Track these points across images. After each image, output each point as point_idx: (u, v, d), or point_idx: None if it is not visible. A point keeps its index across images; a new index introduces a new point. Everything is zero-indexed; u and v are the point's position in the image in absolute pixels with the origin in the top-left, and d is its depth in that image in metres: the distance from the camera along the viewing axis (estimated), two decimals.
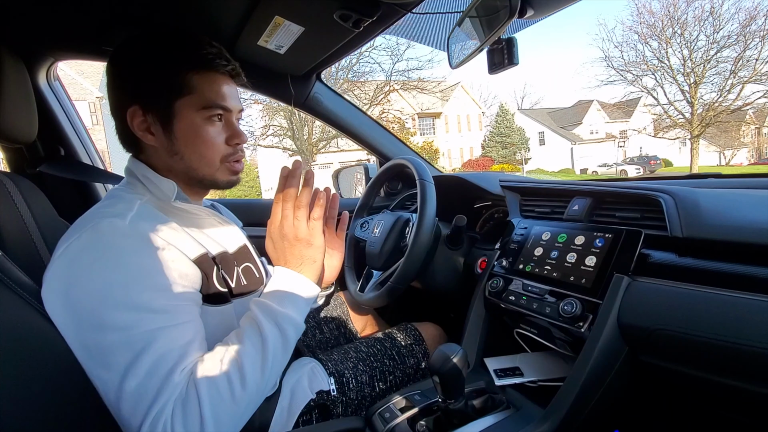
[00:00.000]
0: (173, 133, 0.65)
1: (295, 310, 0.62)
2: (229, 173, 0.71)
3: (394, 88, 17.89)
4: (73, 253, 0.55)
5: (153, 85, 0.65)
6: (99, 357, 0.52)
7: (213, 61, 0.67)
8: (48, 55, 1.10)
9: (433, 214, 0.92)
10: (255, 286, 0.75)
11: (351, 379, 0.81)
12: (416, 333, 0.96)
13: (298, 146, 17.43)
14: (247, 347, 0.57)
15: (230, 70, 0.69)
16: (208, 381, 0.53)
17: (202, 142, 0.67)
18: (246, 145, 0.75)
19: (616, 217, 0.78)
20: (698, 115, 16.17)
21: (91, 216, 0.60)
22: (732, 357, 0.51)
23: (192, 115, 0.65)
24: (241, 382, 0.54)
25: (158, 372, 0.52)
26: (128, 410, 0.51)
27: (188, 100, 0.65)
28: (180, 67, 0.65)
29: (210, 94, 0.66)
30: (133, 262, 0.55)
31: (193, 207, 0.69)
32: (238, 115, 0.72)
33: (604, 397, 0.63)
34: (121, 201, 0.63)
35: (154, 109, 0.65)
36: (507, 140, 26.07)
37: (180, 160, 0.67)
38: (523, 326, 0.81)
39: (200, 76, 0.66)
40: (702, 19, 15.90)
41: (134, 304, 0.53)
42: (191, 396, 0.52)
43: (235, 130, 0.70)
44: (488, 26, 0.77)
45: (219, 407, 0.52)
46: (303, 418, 0.72)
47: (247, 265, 0.75)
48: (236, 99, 0.71)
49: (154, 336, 0.53)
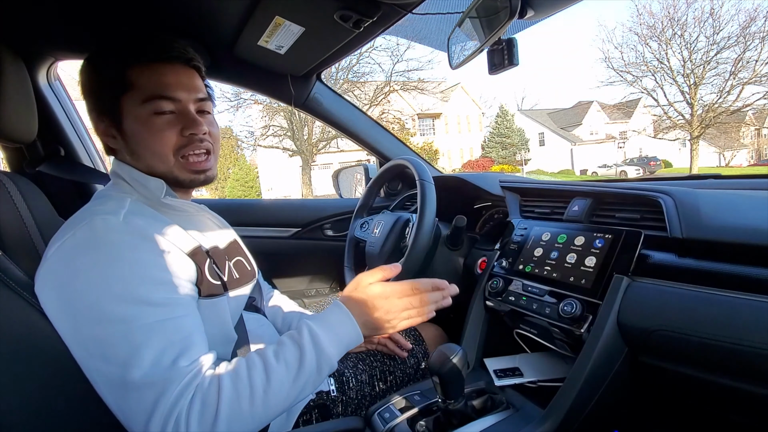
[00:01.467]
0: (125, 132, 0.65)
1: (338, 355, 0.59)
2: (189, 171, 0.67)
3: (394, 88, 17.88)
4: (68, 249, 0.55)
5: (99, 88, 0.66)
6: (98, 350, 0.52)
7: (153, 51, 0.65)
8: (48, 55, 1.10)
9: (433, 215, 0.92)
10: (247, 278, 0.75)
11: (351, 378, 0.81)
12: (416, 333, 0.96)
13: (298, 146, 17.43)
14: (281, 365, 0.55)
15: (176, 57, 0.66)
16: (232, 384, 0.52)
17: (150, 135, 0.64)
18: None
19: (616, 218, 0.78)
20: (698, 117, 16.18)
21: (82, 214, 0.60)
22: (731, 357, 0.51)
23: (136, 110, 0.64)
24: (264, 396, 0.52)
25: (163, 362, 0.51)
26: (135, 401, 0.50)
27: (130, 96, 0.64)
28: (119, 65, 0.64)
29: (149, 86, 0.64)
30: (130, 256, 0.56)
31: (182, 203, 0.69)
32: (199, 105, 0.68)
33: (603, 397, 0.63)
34: (111, 199, 0.63)
35: (105, 112, 0.66)
36: (507, 141, 26.07)
37: (138, 160, 0.66)
38: (522, 327, 0.81)
39: (140, 70, 0.64)
40: (702, 20, 15.93)
41: (133, 297, 0.53)
42: (212, 392, 0.51)
43: (188, 119, 0.66)
44: (488, 27, 0.77)
45: (235, 414, 0.51)
46: (303, 418, 0.72)
47: (239, 258, 0.76)
48: (188, 88, 0.66)
49: (153, 328, 0.53)
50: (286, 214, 1.51)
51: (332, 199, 1.65)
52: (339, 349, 0.58)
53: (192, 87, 0.67)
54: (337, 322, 0.60)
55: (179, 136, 0.65)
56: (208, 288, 0.64)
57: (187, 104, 0.66)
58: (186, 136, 0.66)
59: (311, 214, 1.50)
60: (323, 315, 0.61)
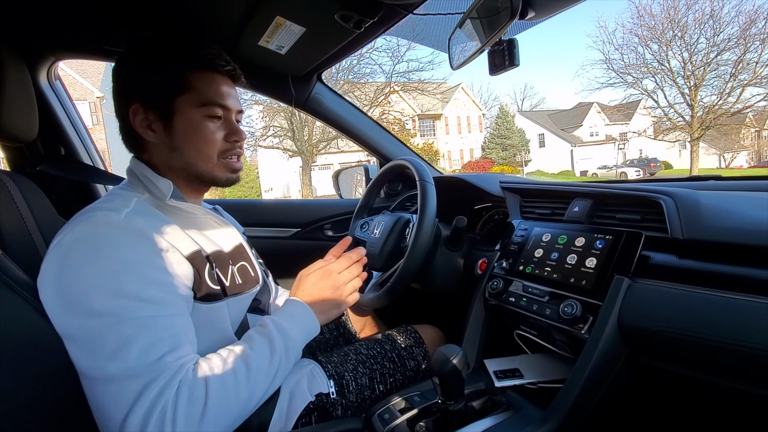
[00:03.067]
0: (173, 129, 0.68)
1: (302, 340, 0.68)
2: (228, 171, 0.73)
3: (394, 89, 17.90)
4: (68, 243, 0.56)
5: (155, 82, 0.68)
6: (86, 344, 0.52)
7: (212, 60, 0.70)
8: (49, 54, 1.10)
9: (433, 215, 0.92)
10: (251, 284, 0.75)
11: (351, 381, 0.81)
12: (416, 335, 0.96)
13: (298, 147, 17.42)
14: (255, 352, 0.60)
15: (229, 71, 0.73)
16: (216, 376, 0.55)
17: (200, 137, 0.69)
18: (246, 145, 0.78)
19: (617, 219, 0.78)
20: (698, 118, 16.17)
21: (87, 210, 0.61)
22: (732, 359, 0.51)
23: (191, 111, 0.68)
24: (247, 382, 0.57)
25: (149, 356, 0.52)
26: (114, 394, 0.50)
27: (188, 97, 0.68)
28: (181, 66, 0.68)
29: (208, 92, 0.69)
30: (126, 253, 0.56)
31: (189, 206, 0.70)
32: (238, 116, 0.75)
33: (604, 399, 0.63)
34: (118, 197, 0.65)
35: (154, 106, 0.68)
36: (507, 142, 26.08)
37: (179, 156, 0.69)
38: (523, 328, 0.81)
39: (200, 75, 0.69)
40: (702, 22, 15.94)
41: (124, 292, 0.54)
42: (198, 385, 0.53)
43: (233, 127, 0.73)
44: (489, 27, 0.77)
45: (223, 403, 0.53)
46: (302, 420, 0.72)
47: (243, 264, 0.76)
48: (235, 99, 0.73)
49: (143, 323, 0.53)
50: (287, 214, 1.51)
51: (332, 200, 1.65)
52: (301, 335, 0.67)
53: (237, 98, 0.75)
54: (294, 313, 0.70)
55: (223, 141, 0.72)
56: (206, 292, 0.65)
57: (232, 113, 0.73)
58: (230, 142, 0.72)
59: (311, 214, 1.50)
60: (282, 310, 0.70)
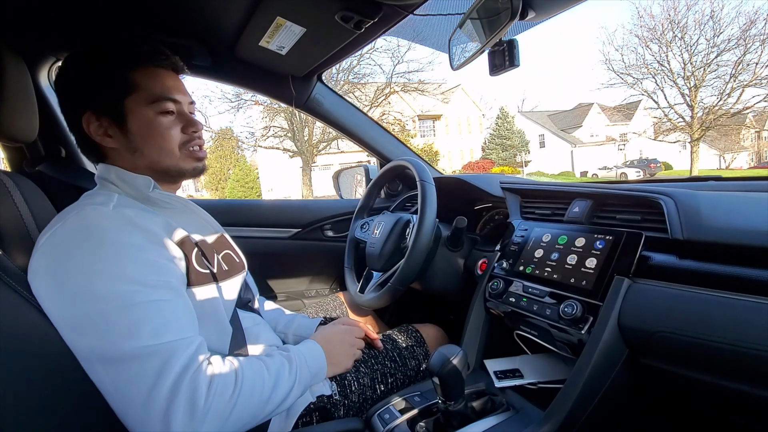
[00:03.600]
0: (129, 131, 0.68)
1: (310, 380, 0.71)
2: (193, 160, 0.74)
3: (394, 89, 17.90)
4: (60, 236, 0.56)
5: (100, 88, 0.68)
6: (92, 327, 0.52)
7: (152, 56, 0.70)
8: (49, 55, 1.10)
9: (433, 216, 0.92)
10: (237, 270, 0.77)
11: (353, 381, 0.81)
12: (417, 334, 0.96)
13: (298, 147, 17.43)
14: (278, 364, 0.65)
15: (170, 64, 0.72)
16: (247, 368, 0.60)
17: (158, 134, 0.69)
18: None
19: (617, 219, 0.78)
20: (698, 119, 16.16)
21: (72, 207, 0.62)
22: (733, 360, 0.51)
23: (143, 110, 0.68)
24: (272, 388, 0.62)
25: (161, 337, 0.52)
26: (135, 373, 0.51)
27: (136, 97, 0.68)
28: (122, 66, 0.68)
29: (155, 88, 0.69)
30: (120, 239, 0.57)
31: (169, 197, 0.71)
32: (190, 107, 0.75)
33: (604, 399, 0.63)
34: (98, 195, 0.66)
35: (105, 111, 0.68)
36: (507, 143, 26.08)
37: (141, 156, 0.69)
38: (523, 328, 0.81)
39: (143, 72, 0.69)
40: (702, 22, 15.92)
41: (126, 276, 0.54)
42: (229, 374, 0.56)
43: (188, 119, 0.73)
44: (489, 28, 0.77)
45: (250, 396, 0.58)
46: (302, 419, 0.72)
47: (227, 252, 0.78)
48: (183, 92, 0.73)
49: (150, 307, 0.54)
50: (287, 214, 1.51)
51: (333, 200, 1.65)
52: (312, 376, 0.71)
53: (185, 91, 0.74)
54: (313, 351, 0.75)
55: (181, 133, 0.72)
56: (197, 277, 0.66)
57: (184, 106, 0.73)
58: (188, 134, 0.72)
59: (312, 214, 1.50)
60: (302, 344, 0.76)
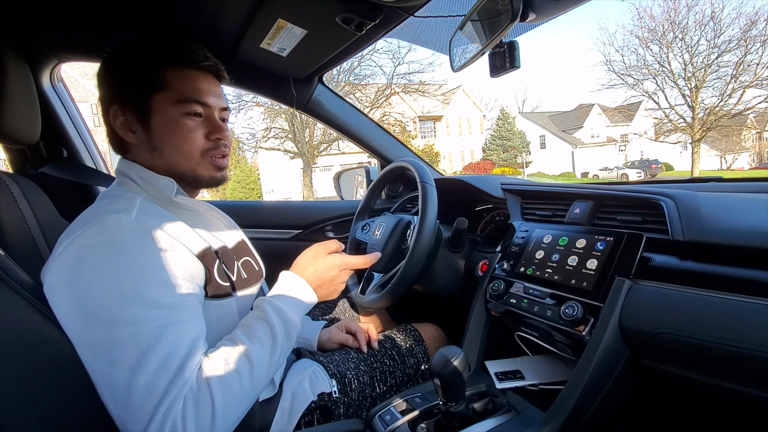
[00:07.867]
0: (151, 128, 0.67)
1: (300, 318, 0.67)
2: (213, 169, 0.71)
3: (395, 91, 17.93)
4: (79, 248, 0.55)
5: (129, 82, 0.67)
6: (105, 354, 0.52)
7: (188, 57, 0.68)
8: (51, 57, 1.11)
9: (434, 217, 0.92)
10: (255, 279, 0.76)
11: (353, 380, 0.81)
12: (416, 333, 0.96)
13: (299, 148, 17.45)
14: (256, 345, 0.59)
15: (208, 66, 0.70)
16: (219, 378, 0.55)
17: (179, 135, 0.67)
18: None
19: (618, 221, 0.78)
20: (699, 120, 16.14)
21: (93, 212, 0.59)
22: (733, 360, 0.51)
23: (168, 109, 0.66)
24: (251, 378, 0.57)
25: (168, 368, 0.52)
26: (136, 406, 0.50)
27: (164, 95, 0.66)
28: (154, 64, 0.67)
29: (185, 89, 0.67)
30: (141, 258, 0.56)
31: (192, 202, 0.70)
32: (222, 113, 0.72)
33: (605, 400, 0.62)
34: (121, 198, 0.63)
35: (131, 106, 0.67)
36: (508, 143, 26.07)
37: (160, 156, 0.68)
38: (524, 329, 0.81)
39: (176, 72, 0.67)
40: (703, 23, 15.91)
41: (143, 299, 0.54)
42: (203, 392, 0.53)
43: (215, 125, 0.70)
44: (490, 30, 0.77)
45: (230, 403, 0.54)
46: (304, 419, 0.72)
47: (246, 258, 0.77)
48: (216, 96, 0.71)
49: (162, 332, 0.53)
50: (288, 215, 1.51)
51: (333, 201, 1.65)
52: (300, 313, 0.67)
53: (219, 95, 0.72)
54: (293, 290, 0.68)
55: (205, 139, 0.69)
56: (216, 289, 0.65)
57: (214, 111, 0.70)
58: (212, 140, 0.70)
59: (312, 215, 1.51)
60: (276, 287, 0.69)
